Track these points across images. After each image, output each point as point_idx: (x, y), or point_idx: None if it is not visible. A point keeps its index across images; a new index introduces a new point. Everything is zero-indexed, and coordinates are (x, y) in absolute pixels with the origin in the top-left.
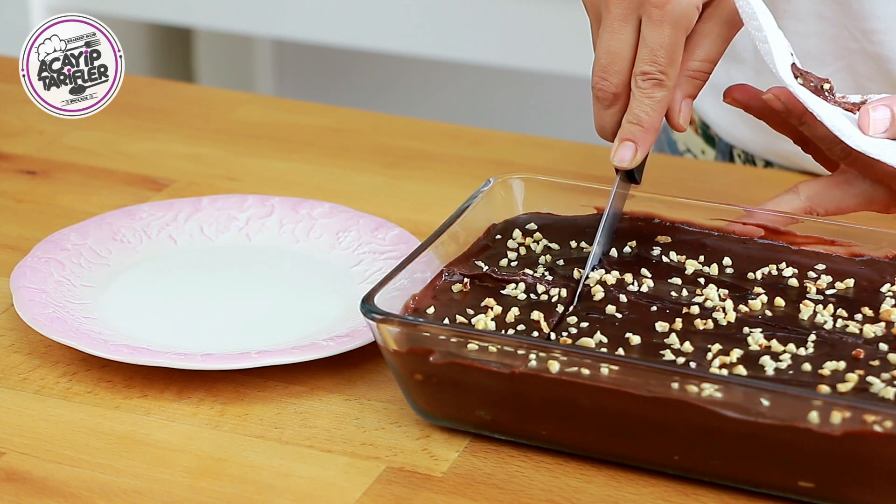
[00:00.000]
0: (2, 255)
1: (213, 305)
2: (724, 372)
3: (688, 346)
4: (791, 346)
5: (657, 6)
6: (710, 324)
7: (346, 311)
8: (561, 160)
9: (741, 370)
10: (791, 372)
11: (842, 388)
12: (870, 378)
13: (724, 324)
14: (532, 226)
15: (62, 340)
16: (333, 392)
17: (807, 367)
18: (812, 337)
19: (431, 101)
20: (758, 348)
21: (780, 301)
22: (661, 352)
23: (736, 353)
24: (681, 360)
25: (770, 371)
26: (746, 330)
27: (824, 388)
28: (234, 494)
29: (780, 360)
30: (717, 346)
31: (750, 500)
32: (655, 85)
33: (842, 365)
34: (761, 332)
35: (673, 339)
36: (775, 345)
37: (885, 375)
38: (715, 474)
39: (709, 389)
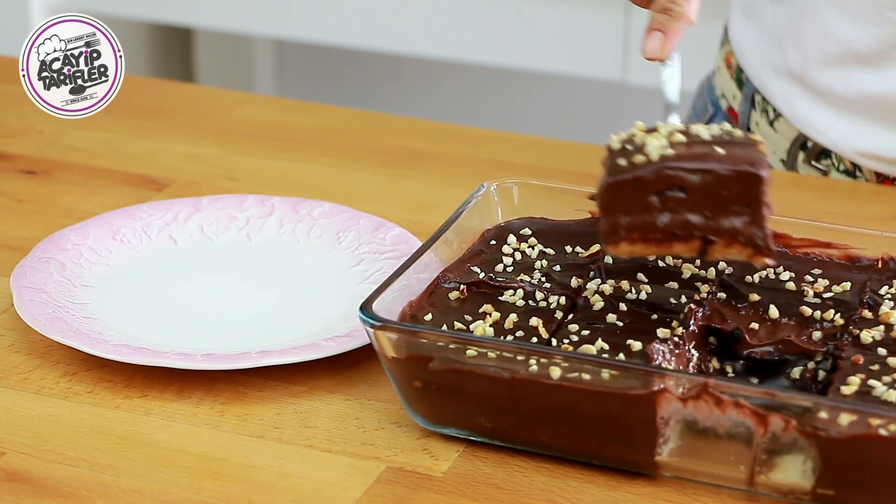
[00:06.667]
0: (2, 255)
1: (213, 305)
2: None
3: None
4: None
5: None
6: None
7: (346, 311)
8: (561, 160)
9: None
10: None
11: (845, 390)
12: (871, 381)
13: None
14: (526, 231)
15: (62, 340)
16: (333, 392)
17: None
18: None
19: (431, 101)
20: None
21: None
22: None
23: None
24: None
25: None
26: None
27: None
28: (234, 494)
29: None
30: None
31: (750, 500)
32: None
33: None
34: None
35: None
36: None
37: (887, 378)
38: (715, 476)
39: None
